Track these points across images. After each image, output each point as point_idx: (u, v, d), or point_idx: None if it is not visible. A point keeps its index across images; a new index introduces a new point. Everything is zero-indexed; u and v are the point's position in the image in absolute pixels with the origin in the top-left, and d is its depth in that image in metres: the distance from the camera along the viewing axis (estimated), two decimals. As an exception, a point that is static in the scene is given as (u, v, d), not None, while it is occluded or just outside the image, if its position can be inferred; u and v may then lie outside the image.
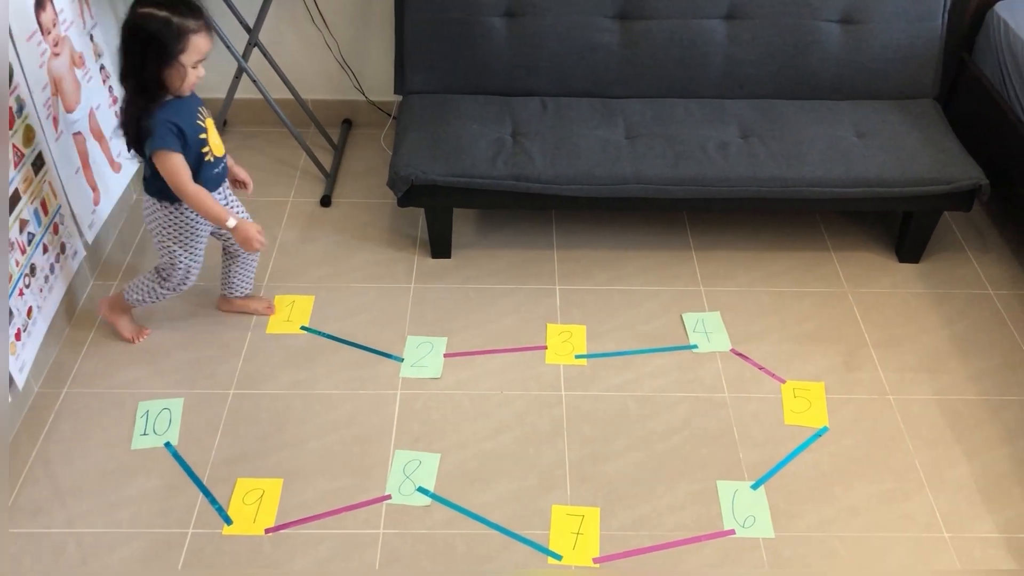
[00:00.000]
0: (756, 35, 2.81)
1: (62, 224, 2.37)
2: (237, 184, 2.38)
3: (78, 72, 2.46)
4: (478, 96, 2.84)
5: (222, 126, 3.23)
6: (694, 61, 2.83)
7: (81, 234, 2.49)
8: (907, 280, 2.74)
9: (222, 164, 2.23)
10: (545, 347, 2.49)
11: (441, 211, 2.69)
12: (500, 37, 2.79)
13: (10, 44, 2.08)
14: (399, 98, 3.00)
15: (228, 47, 2.81)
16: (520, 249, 2.82)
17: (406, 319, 2.56)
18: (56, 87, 2.32)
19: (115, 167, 2.69)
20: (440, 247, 2.76)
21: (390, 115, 3.33)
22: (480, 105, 2.79)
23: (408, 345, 2.48)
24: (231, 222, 2.17)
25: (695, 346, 2.50)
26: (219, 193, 2.24)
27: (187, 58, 1.98)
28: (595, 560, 1.98)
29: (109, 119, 2.64)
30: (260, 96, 2.90)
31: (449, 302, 2.62)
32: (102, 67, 2.63)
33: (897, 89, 2.88)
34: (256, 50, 2.97)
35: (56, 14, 2.34)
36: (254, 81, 2.86)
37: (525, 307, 2.61)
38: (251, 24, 2.93)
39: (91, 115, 2.53)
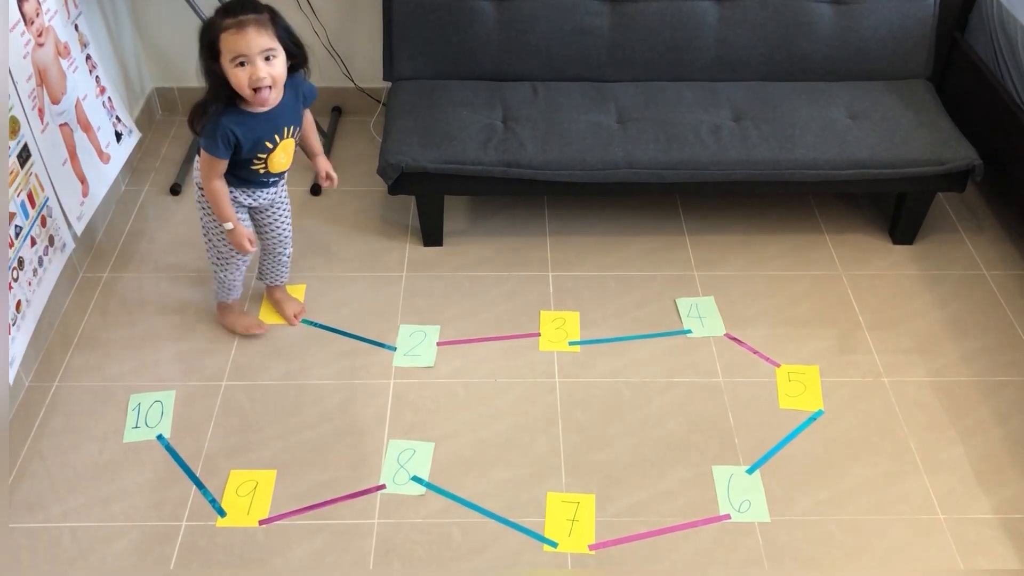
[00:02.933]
0: (747, 17, 2.79)
1: (50, 216, 2.35)
2: (324, 179, 2.35)
3: (63, 62, 2.43)
4: (468, 82, 2.82)
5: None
6: (685, 44, 2.81)
7: (69, 226, 2.47)
8: (901, 262, 2.74)
9: (275, 177, 2.20)
10: (539, 334, 2.48)
11: (432, 198, 2.67)
12: (489, 21, 2.76)
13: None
14: (388, 85, 2.98)
15: (215, 35, 2.78)
16: (512, 236, 2.80)
17: (398, 308, 2.55)
18: (41, 78, 2.30)
19: (104, 158, 2.66)
20: (432, 235, 2.75)
21: (379, 102, 3.30)
22: (470, 91, 2.77)
23: (401, 334, 2.47)
24: (228, 225, 2.16)
25: (689, 331, 2.50)
26: (266, 191, 2.23)
27: (225, 59, 1.92)
28: (591, 547, 1.98)
29: (96, 109, 2.62)
30: (248, 84, 2.88)
31: (441, 290, 2.61)
32: (88, 57, 2.61)
33: (890, 70, 2.86)
34: (243, 38, 2.94)
35: (39, 4, 2.31)
36: (242, 69, 2.83)
37: (518, 294, 2.60)
38: (238, 12, 2.90)
39: (78, 105, 2.50)
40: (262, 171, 2.13)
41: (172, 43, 3.17)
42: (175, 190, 2.94)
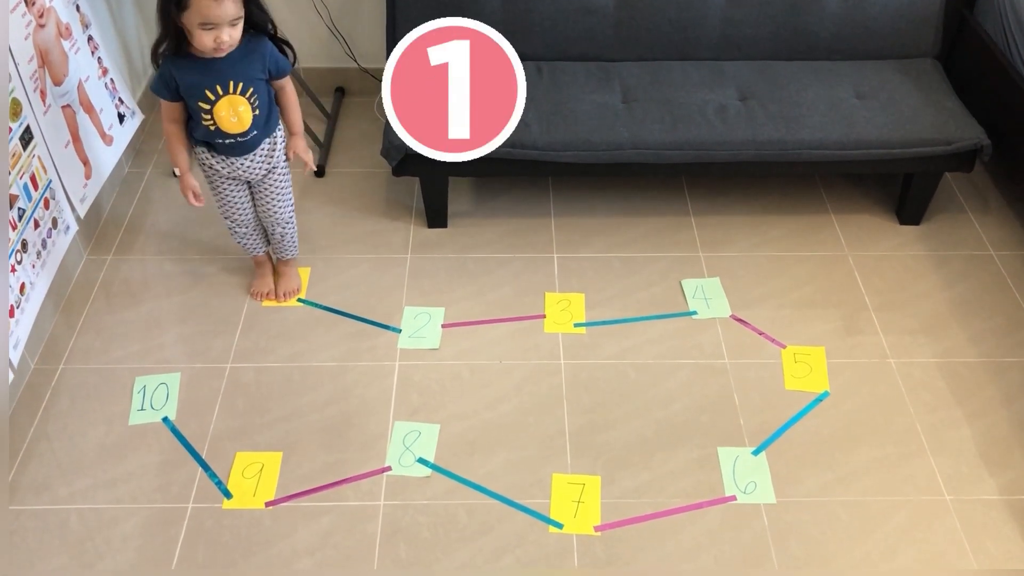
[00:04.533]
0: (754, -5, 2.76)
1: (53, 199, 2.34)
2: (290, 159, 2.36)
3: (65, 43, 2.42)
4: (472, 62, 2.80)
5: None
6: (691, 23, 2.79)
7: (73, 208, 2.46)
8: (908, 242, 2.72)
9: (233, 139, 2.18)
10: (544, 316, 2.47)
11: (436, 179, 2.66)
12: (494, 1, 2.74)
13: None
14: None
15: (217, 15, 2.76)
16: (517, 217, 2.79)
17: (403, 290, 2.54)
18: (42, 59, 2.28)
19: (106, 140, 2.65)
20: (436, 216, 2.73)
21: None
22: (474, 71, 2.75)
23: (406, 316, 2.46)
24: (176, 171, 2.24)
25: (695, 312, 2.49)
26: (246, 160, 2.23)
27: (188, 18, 1.94)
28: (596, 528, 1.98)
29: (99, 91, 2.60)
30: (251, 65, 2.86)
31: (446, 272, 2.60)
32: (90, 38, 2.59)
33: (897, 48, 2.84)
34: (246, 18, 2.92)
35: (40, -16, 2.29)
36: (244, 50, 2.82)
37: (523, 276, 2.59)
38: (240, -9, 2.88)
39: (80, 87, 2.49)
40: (212, 127, 2.14)
41: (174, 23, 3.14)
42: (178, 172, 2.94)
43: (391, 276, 2.59)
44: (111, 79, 2.70)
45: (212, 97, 2.09)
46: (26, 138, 2.20)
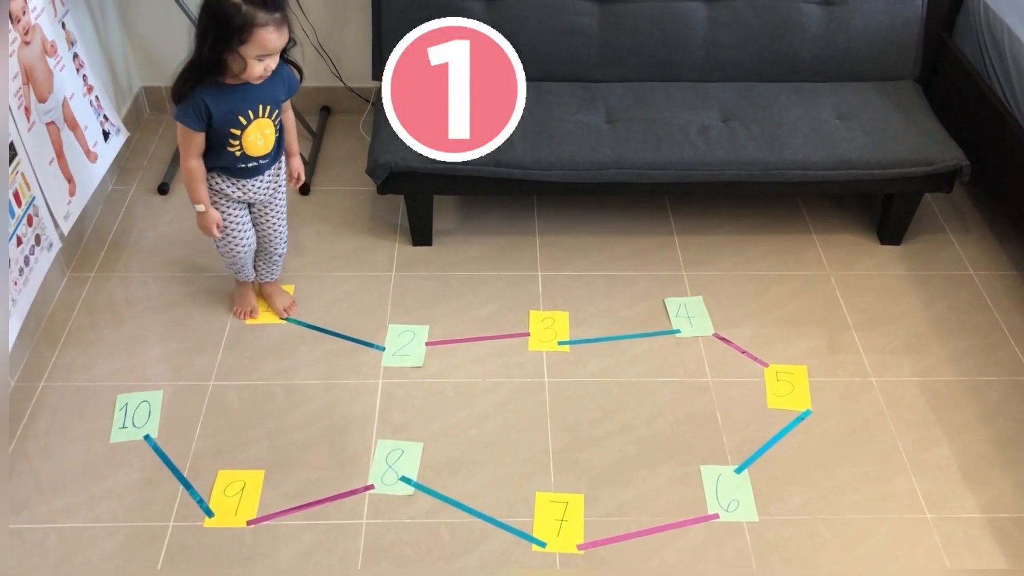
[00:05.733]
0: (736, 17, 2.79)
1: (36, 215, 2.33)
2: (294, 180, 2.38)
3: (50, 61, 2.42)
4: (457, 81, 2.82)
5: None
6: (674, 44, 2.82)
7: (56, 225, 2.45)
8: (889, 262, 2.75)
9: (253, 163, 2.18)
10: (528, 334, 2.48)
11: (421, 198, 2.67)
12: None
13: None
14: (377, 84, 2.97)
15: (203, 34, 2.77)
16: (501, 235, 2.80)
17: (387, 307, 2.54)
18: (27, 76, 2.28)
19: (91, 157, 2.65)
20: (421, 234, 2.74)
21: (369, 101, 3.30)
22: (459, 90, 2.77)
23: (389, 334, 2.46)
24: (199, 207, 2.18)
25: (678, 331, 2.50)
26: (256, 182, 2.22)
27: (248, 50, 1.92)
28: (579, 546, 1.98)
29: (84, 108, 2.60)
30: (237, 83, 2.87)
31: (430, 290, 2.61)
32: (75, 55, 2.59)
33: (878, 71, 2.87)
34: (232, 37, 2.93)
35: (25, 2, 2.30)
36: (230, 68, 2.82)
37: (507, 294, 2.60)
38: (226, 10, 2.89)
39: (65, 104, 2.49)
40: (238, 153, 2.12)
41: (160, 41, 3.16)
42: (163, 189, 2.93)
43: (375, 294, 2.59)
44: (96, 96, 2.70)
45: (244, 123, 2.08)
46: (10, 155, 2.20)
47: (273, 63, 1.99)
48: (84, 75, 2.64)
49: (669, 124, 2.64)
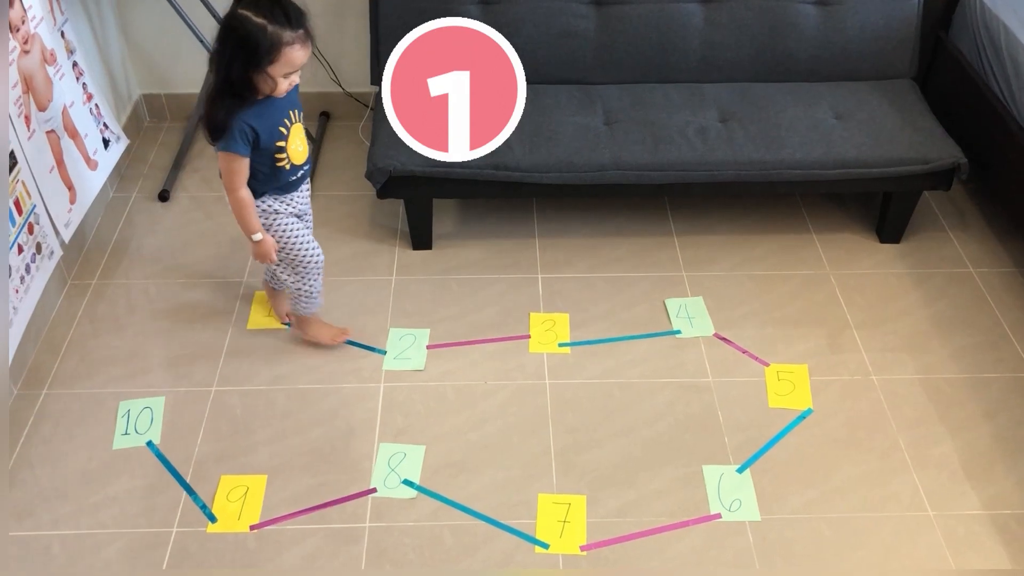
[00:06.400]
0: (733, 18, 2.80)
1: (37, 224, 2.34)
2: None
3: (49, 69, 2.43)
4: (455, 85, 2.82)
5: (197, 121, 3.20)
6: (671, 45, 2.82)
7: (57, 233, 2.46)
8: (888, 260, 2.75)
9: (300, 171, 2.16)
10: (528, 336, 2.48)
11: (420, 202, 2.67)
12: (476, 25, 2.76)
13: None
14: (376, 89, 2.98)
15: (201, 41, 2.79)
16: (501, 238, 2.81)
17: (388, 311, 2.55)
18: (27, 85, 2.29)
19: (91, 165, 2.66)
20: (421, 238, 2.75)
21: (367, 106, 3.31)
22: (458, 94, 2.77)
23: (391, 337, 2.47)
24: (256, 236, 2.12)
25: (678, 331, 2.50)
26: (299, 193, 2.20)
27: (276, 69, 1.91)
28: (582, 548, 1.98)
29: (83, 116, 2.61)
30: (235, 90, 2.87)
31: (431, 293, 2.61)
32: (75, 64, 2.60)
33: (874, 69, 2.88)
34: (230, 43, 2.94)
35: (25, 11, 2.31)
36: (229, 75, 2.83)
37: (507, 296, 2.60)
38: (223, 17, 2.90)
39: (64, 112, 2.50)
40: (288, 166, 2.10)
41: (159, 49, 3.17)
42: (163, 196, 2.94)
43: (376, 298, 2.59)
44: (96, 104, 2.71)
45: (285, 132, 2.05)
46: (10, 163, 2.21)
47: (297, 77, 1.98)
48: (84, 83, 2.65)
49: (667, 125, 2.65)
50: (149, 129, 3.30)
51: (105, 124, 2.77)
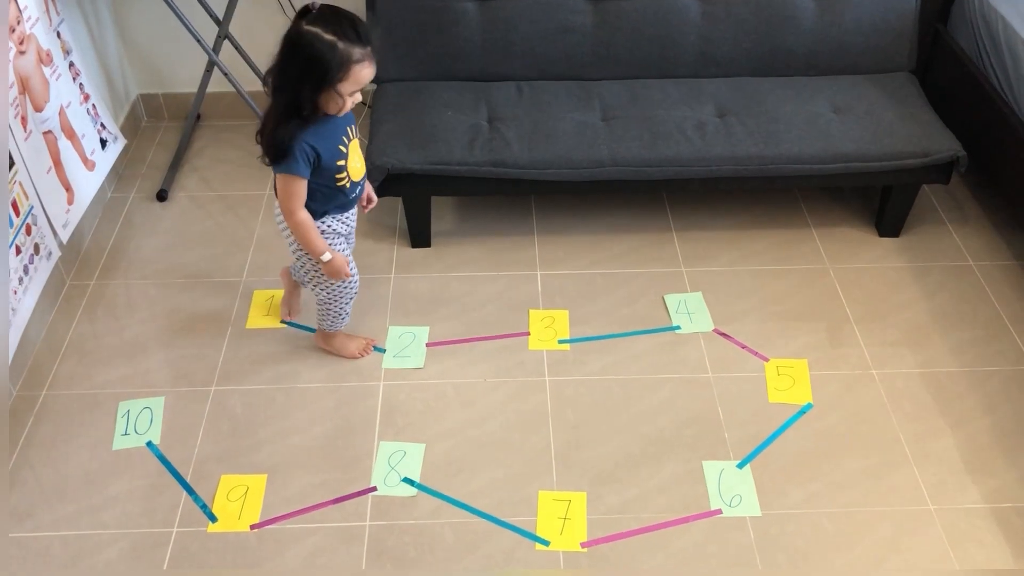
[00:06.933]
0: (730, 12, 2.79)
1: (35, 225, 2.34)
2: (361, 203, 2.27)
3: (46, 70, 2.43)
4: (453, 82, 2.82)
5: (195, 121, 3.20)
6: (669, 41, 2.82)
7: (55, 234, 2.46)
8: (888, 254, 2.75)
9: (359, 188, 2.12)
10: (528, 333, 2.48)
11: (419, 199, 2.67)
12: (473, 22, 2.76)
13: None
14: (373, 87, 2.97)
15: (198, 40, 2.78)
16: (500, 236, 2.80)
17: (387, 310, 2.55)
18: (23, 85, 2.29)
19: (88, 165, 2.65)
20: (419, 236, 2.74)
21: (365, 104, 3.30)
22: (455, 91, 2.77)
23: (390, 336, 2.46)
24: (326, 256, 2.07)
25: (678, 327, 2.50)
26: (352, 211, 2.17)
27: (345, 87, 1.85)
28: (583, 544, 1.98)
29: (80, 117, 2.61)
30: (233, 89, 2.87)
31: (430, 291, 2.61)
32: (71, 64, 2.60)
33: (873, 63, 2.87)
34: (227, 42, 2.94)
35: (21, 11, 2.30)
36: (226, 74, 2.83)
37: (506, 294, 2.60)
38: (220, 16, 2.90)
39: (61, 113, 2.50)
40: (348, 184, 2.05)
41: (156, 49, 3.16)
42: (161, 196, 2.94)
43: (375, 296, 2.59)
44: (93, 105, 2.71)
45: (344, 151, 2.01)
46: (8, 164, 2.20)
47: (360, 94, 1.92)
48: (80, 83, 2.65)
49: (665, 121, 2.64)
50: (147, 129, 3.29)
51: (102, 124, 2.76)
